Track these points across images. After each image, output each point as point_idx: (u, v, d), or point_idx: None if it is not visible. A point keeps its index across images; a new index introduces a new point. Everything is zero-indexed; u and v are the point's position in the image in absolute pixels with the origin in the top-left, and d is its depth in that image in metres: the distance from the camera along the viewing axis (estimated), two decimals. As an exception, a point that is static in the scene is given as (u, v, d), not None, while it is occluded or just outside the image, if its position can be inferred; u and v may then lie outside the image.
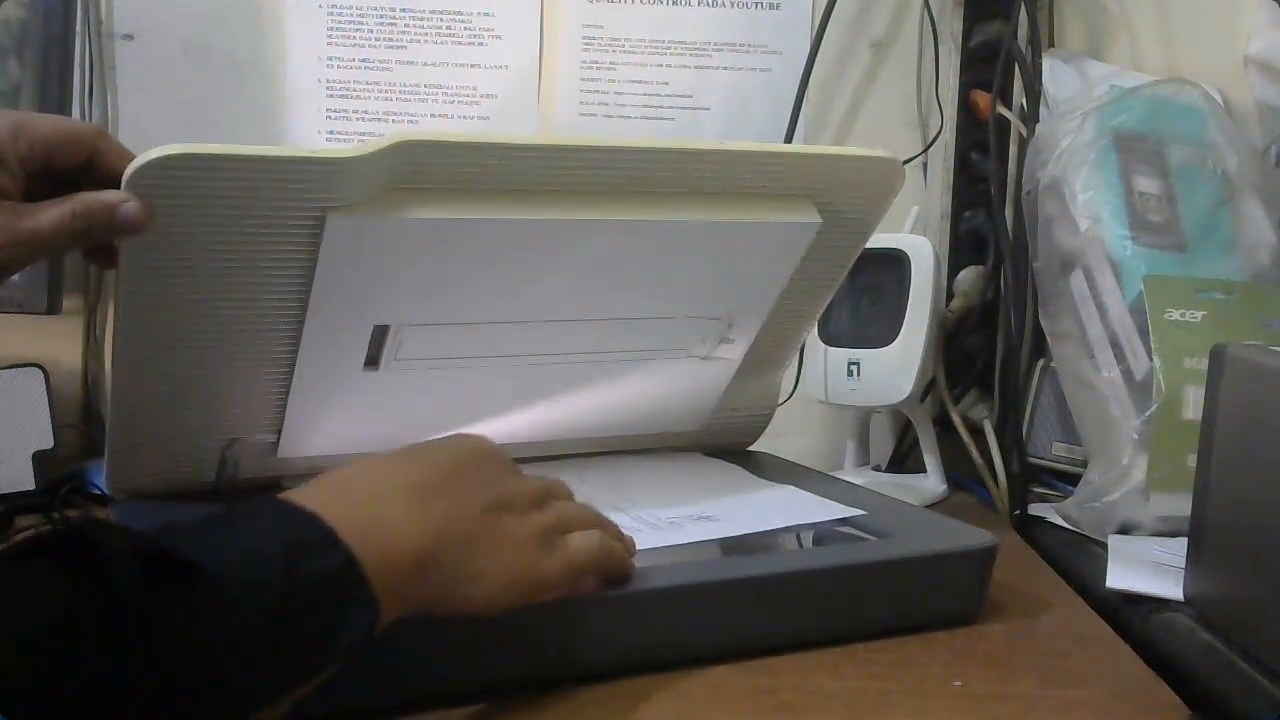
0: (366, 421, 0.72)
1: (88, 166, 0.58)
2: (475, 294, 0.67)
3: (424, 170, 0.60)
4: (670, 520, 0.68)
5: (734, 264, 0.72)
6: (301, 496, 0.46)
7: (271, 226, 0.59)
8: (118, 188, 0.55)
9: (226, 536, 0.42)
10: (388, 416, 0.72)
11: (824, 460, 1.02)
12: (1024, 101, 1.02)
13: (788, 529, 0.70)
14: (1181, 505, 0.68)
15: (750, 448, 0.89)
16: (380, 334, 0.67)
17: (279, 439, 0.71)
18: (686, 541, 0.65)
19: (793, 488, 0.77)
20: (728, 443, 0.86)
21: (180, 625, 0.38)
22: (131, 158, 0.55)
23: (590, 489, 0.64)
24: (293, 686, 0.41)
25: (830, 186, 0.71)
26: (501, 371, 0.73)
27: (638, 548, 0.59)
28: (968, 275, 1.05)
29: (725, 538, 0.67)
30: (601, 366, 0.75)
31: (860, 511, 0.71)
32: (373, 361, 0.68)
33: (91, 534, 0.38)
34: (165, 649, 0.37)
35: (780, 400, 0.89)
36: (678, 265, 0.71)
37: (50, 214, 0.54)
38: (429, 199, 0.61)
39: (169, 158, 0.54)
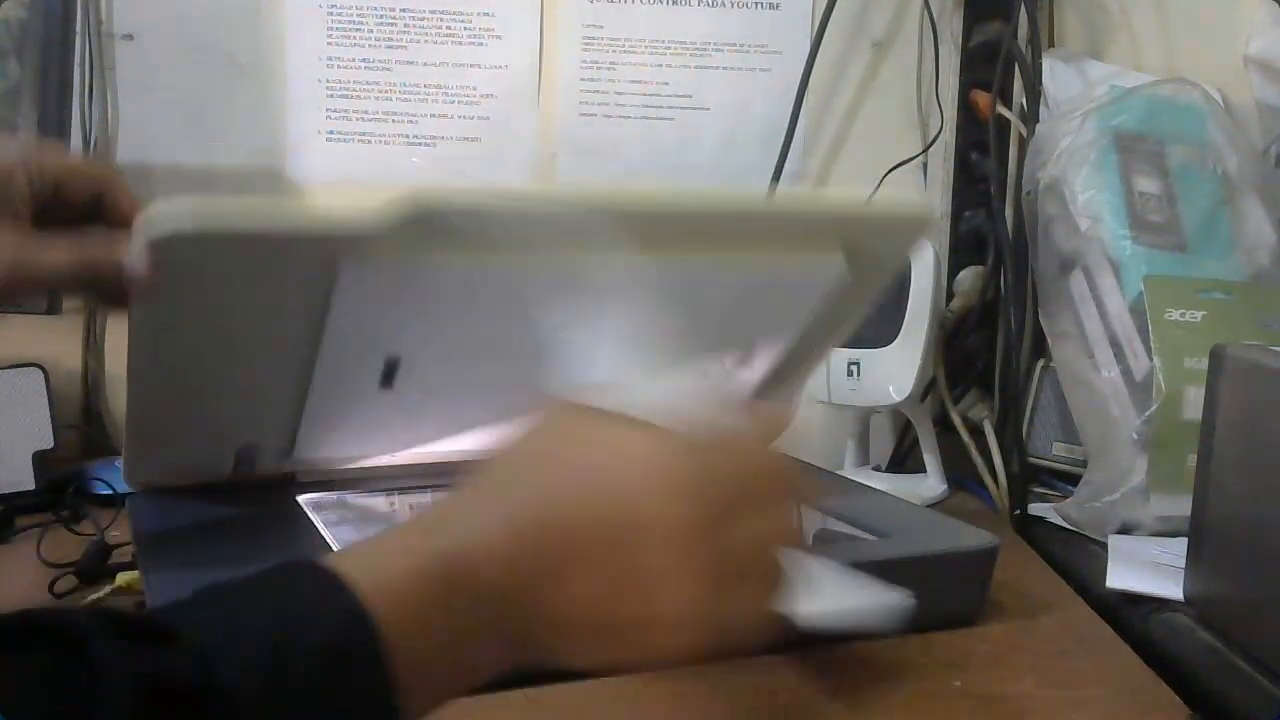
0: (382, 430, 0.72)
1: (97, 206, 0.57)
2: (491, 331, 0.66)
3: (440, 224, 0.58)
4: None
5: (757, 304, 0.72)
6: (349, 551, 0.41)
7: (284, 278, 0.58)
8: (127, 227, 0.54)
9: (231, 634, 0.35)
10: (404, 425, 0.72)
11: (824, 460, 1.02)
12: (1024, 101, 1.02)
13: None
14: (1181, 505, 0.68)
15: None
16: (394, 362, 0.66)
17: (294, 444, 0.71)
18: None
19: None
20: None
21: None
22: (138, 205, 0.54)
23: None
24: None
25: (859, 235, 0.70)
26: (519, 385, 0.72)
27: None
28: (968, 275, 1.05)
29: None
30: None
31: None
32: (388, 383, 0.67)
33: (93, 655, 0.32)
34: None
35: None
36: (699, 303, 0.70)
37: (59, 253, 0.53)
38: (445, 246, 0.59)
39: (180, 235, 0.52)
